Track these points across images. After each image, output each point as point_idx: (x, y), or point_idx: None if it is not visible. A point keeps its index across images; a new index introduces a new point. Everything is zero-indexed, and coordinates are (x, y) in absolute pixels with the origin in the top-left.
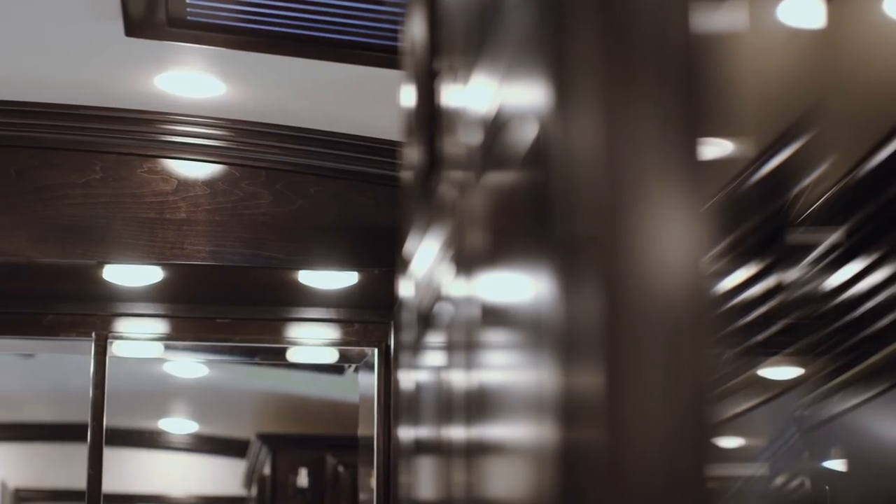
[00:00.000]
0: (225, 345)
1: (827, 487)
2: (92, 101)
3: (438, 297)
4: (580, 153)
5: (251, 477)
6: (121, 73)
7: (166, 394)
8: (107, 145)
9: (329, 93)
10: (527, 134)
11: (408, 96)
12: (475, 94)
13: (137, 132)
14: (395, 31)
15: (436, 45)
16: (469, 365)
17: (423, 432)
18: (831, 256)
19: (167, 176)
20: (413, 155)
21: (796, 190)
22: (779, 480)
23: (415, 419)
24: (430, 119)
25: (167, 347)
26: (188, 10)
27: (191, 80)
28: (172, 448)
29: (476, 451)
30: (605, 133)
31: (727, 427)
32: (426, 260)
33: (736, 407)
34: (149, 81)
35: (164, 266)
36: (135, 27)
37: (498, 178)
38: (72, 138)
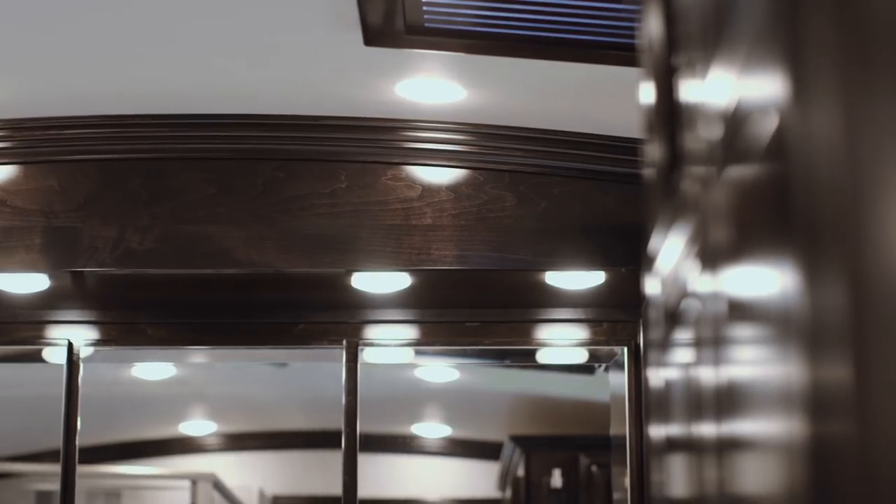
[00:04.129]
0: (475, 348)
1: None
2: (334, 111)
3: (684, 294)
4: (821, 143)
5: (505, 479)
6: (361, 82)
7: (418, 399)
8: (351, 154)
9: (569, 93)
10: (767, 126)
11: (647, 93)
12: (714, 88)
13: (380, 140)
14: (633, 28)
15: (673, 41)
16: (717, 361)
17: (674, 430)
18: None
19: (411, 182)
20: (654, 152)
21: None
22: None
23: (665, 417)
24: (670, 115)
25: (417, 353)
26: (425, 17)
27: (431, 86)
28: (426, 452)
29: (727, 448)
30: (845, 121)
31: None
32: (671, 256)
33: None
34: (389, 89)
35: (412, 272)
36: (373, 36)
37: (740, 172)
38: (316, 149)
